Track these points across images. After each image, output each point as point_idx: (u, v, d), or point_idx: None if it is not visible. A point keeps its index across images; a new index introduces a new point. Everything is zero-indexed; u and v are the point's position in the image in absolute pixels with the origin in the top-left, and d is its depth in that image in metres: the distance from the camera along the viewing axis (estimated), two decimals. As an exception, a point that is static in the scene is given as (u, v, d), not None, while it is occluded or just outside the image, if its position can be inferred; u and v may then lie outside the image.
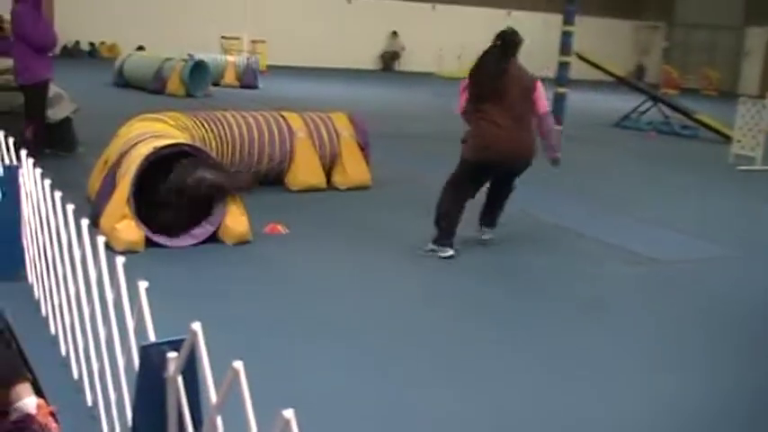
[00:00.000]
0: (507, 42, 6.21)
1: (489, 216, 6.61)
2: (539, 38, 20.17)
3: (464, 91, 6.32)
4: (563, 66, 14.56)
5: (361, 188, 8.37)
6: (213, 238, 5.96)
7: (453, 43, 28.38)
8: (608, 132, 15.39)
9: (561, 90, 14.61)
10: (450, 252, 6.11)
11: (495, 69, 6.09)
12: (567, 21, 14.34)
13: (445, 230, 6.15)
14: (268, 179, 7.99)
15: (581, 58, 16.23)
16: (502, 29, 6.41)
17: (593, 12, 30.41)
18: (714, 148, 13.71)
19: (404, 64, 28.81)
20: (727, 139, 13.22)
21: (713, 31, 32.13)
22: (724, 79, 30.20)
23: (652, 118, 16.08)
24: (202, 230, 5.96)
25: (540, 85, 6.26)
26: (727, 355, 4.76)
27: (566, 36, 14.37)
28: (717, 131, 14.89)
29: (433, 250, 6.14)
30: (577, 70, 17.66)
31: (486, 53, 6.25)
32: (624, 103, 17.37)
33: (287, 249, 6.20)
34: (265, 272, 5.68)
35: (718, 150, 13.22)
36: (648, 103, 16.27)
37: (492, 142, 6.05)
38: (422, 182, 8.69)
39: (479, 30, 29.26)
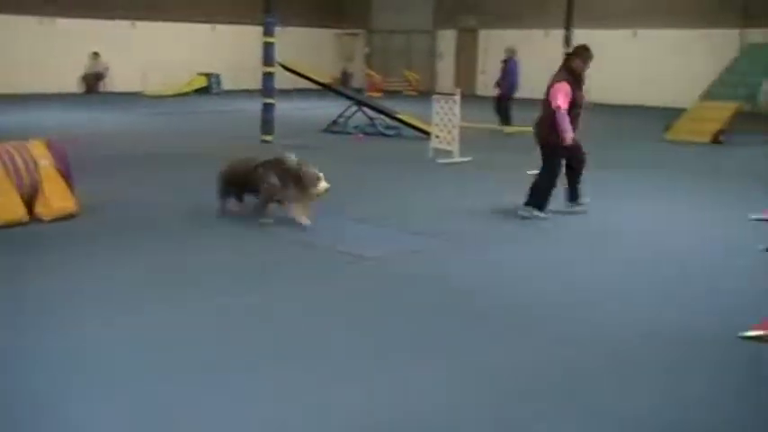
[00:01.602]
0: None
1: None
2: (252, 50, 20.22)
3: (566, 96, 8.37)
4: (267, 76, 14.81)
5: (67, 217, 8.00)
6: None
7: (158, 60, 27.82)
8: (318, 138, 15.83)
9: (268, 100, 14.86)
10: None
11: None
12: (267, 32, 14.61)
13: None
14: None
15: (285, 67, 16.56)
16: (578, 44, 9.13)
17: (295, 22, 31.12)
18: (416, 145, 14.53)
19: (109, 85, 27.77)
20: (427, 135, 14.07)
21: (408, 35, 34.09)
22: (423, 80, 32.13)
23: (358, 121, 16.75)
24: None
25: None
26: (446, 336, 5.08)
27: (267, 47, 14.63)
28: (417, 128, 15.83)
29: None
30: (287, 80, 18.04)
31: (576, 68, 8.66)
32: (332, 108, 17.94)
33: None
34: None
35: (420, 146, 14.03)
36: (354, 108, 16.93)
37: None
38: (135, 203, 8.46)
39: (184, 46, 29.19)
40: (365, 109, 17.02)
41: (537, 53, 28.84)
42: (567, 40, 23.03)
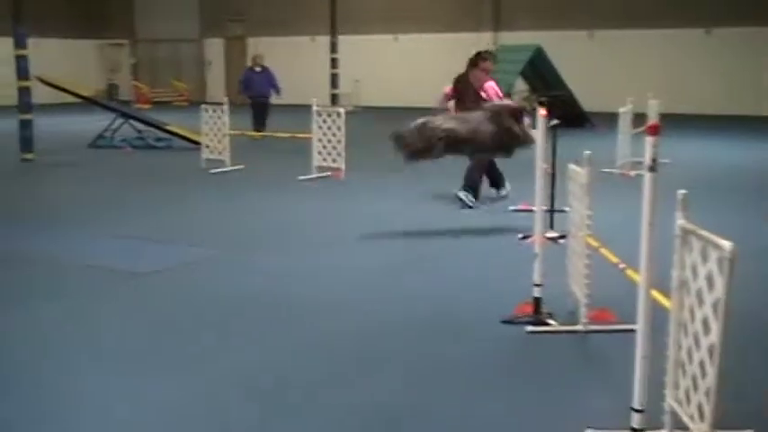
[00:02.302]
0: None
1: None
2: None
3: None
4: (23, 91, 14.05)
5: None
6: None
7: None
8: (83, 154, 15.20)
9: (26, 117, 14.10)
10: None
11: None
12: (20, 44, 13.86)
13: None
14: None
15: (42, 81, 15.76)
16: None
17: (52, 34, 29.66)
18: (189, 156, 14.29)
19: None
20: (198, 145, 13.88)
21: (176, 44, 33.42)
22: (193, 89, 31.60)
23: (127, 134, 16.24)
24: None
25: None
26: (228, 346, 5.06)
27: (20, 60, 13.87)
28: (187, 139, 15.59)
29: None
30: (49, 94, 17.16)
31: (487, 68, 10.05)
32: (99, 123, 17.24)
33: None
34: None
35: (192, 157, 13.81)
36: (120, 120, 16.39)
37: None
38: None
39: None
40: (133, 122, 16.52)
41: (305, 59, 29.32)
42: (333, 46, 23.52)
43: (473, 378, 4.57)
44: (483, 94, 9.73)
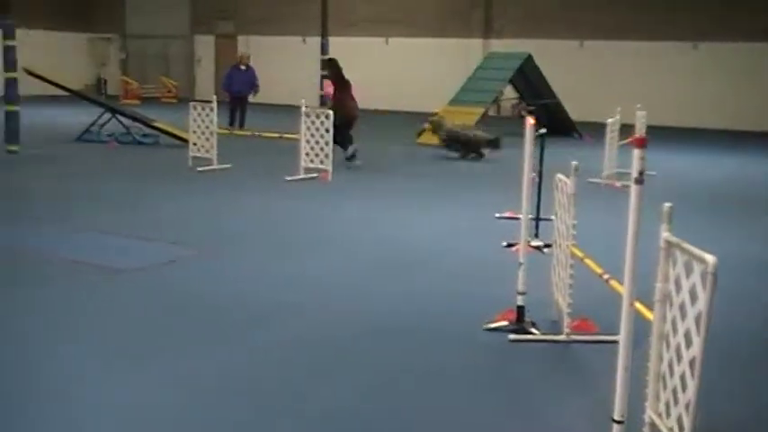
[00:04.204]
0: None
1: None
2: None
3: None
4: (10, 82, 13.96)
5: None
6: None
7: None
8: (69, 147, 15.11)
9: (12, 108, 14.01)
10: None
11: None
12: (7, 34, 13.78)
13: None
14: None
15: (29, 72, 15.65)
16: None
17: (41, 25, 29.53)
18: (176, 153, 14.24)
19: None
20: (186, 142, 13.82)
21: (165, 40, 33.31)
22: (182, 86, 31.50)
23: (113, 129, 16.15)
24: None
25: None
26: (208, 342, 5.04)
27: (7, 51, 13.79)
28: (175, 136, 15.53)
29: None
30: (36, 86, 17.04)
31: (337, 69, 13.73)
32: (86, 117, 17.14)
33: None
34: None
35: (179, 154, 13.76)
36: (107, 115, 16.30)
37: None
38: None
39: None
40: (120, 117, 16.44)
41: (294, 60, 29.32)
42: (324, 48, 23.50)
43: (453, 385, 4.56)
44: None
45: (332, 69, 13.91)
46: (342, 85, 13.69)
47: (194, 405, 4.17)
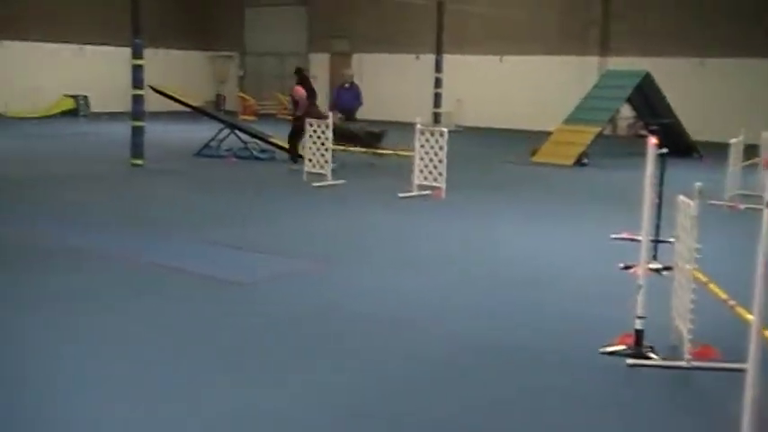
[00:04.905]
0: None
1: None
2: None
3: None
4: (137, 99, 14.55)
5: None
6: None
7: (22, 81, 26.96)
8: (189, 162, 15.63)
9: (138, 124, 14.58)
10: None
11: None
12: (136, 54, 14.35)
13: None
14: None
15: (155, 90, 16.28)
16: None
17: (167, 44, 30.68)
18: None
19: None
20: (301, 158, 14.09)
21: (282, 58, 34.08)
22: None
23: (232, 144, 16.62)
24: None
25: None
26: (313, 360, 5.12)
27: (136, 69, 14.38)
28: (291, 152, 15.81)
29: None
30: (160, 102, 17.71)
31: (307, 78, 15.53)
32: (206, 132, 17.71)
33: None
34: None
35: (294, 170, 14.06)
36: (226, 131, 16.79)
37: None
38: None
39: (50, 67, 28.27)
40: (238, 132, 16.91)
41: (408, 77, 29.51)
42: (438, 65, 23.56)
43: (570, 406, 4.49)
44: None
45: (305, 79, 16.04)
46: (312, 93, 15.54)
47: (324, 417, 4.24)
